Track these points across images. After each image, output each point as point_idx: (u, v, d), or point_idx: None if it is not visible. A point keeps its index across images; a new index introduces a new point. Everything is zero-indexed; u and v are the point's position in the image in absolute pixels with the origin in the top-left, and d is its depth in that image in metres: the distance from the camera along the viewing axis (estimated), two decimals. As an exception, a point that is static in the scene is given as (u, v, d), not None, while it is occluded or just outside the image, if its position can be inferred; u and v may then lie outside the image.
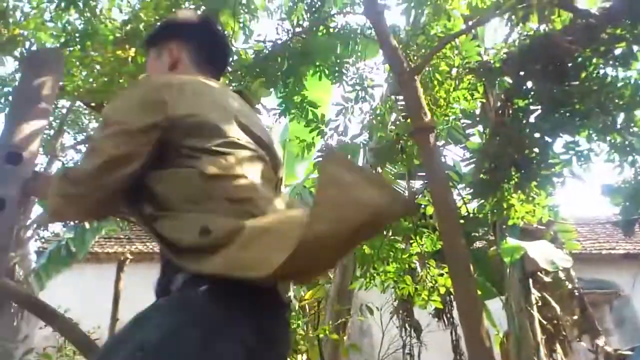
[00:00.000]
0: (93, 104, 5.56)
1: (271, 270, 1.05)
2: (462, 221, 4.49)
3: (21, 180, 1.82)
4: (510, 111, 4.55)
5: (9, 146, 1.89)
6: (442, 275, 5.19)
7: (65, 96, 5.21)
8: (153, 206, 1.28)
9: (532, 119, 4.46)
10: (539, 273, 6.39)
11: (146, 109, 1.31)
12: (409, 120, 4.62)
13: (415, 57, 5.27)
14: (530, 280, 6.32)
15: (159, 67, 1.60)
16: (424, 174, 5.76)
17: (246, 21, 4.97)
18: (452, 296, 5.93)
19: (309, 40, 5.19)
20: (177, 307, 1.14)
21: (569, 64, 4.24)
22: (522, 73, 4.42)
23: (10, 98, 5.12)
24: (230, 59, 1.70)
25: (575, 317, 6.49)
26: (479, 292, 3.95)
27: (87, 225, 8.44)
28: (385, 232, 5.36)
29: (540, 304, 6.33)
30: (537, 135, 4.37)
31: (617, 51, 4.08)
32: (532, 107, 4.45)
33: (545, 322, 6.26)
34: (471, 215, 5.70)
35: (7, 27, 4.99)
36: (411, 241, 5.40)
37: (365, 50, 5.85)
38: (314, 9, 5.36)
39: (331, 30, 5.41)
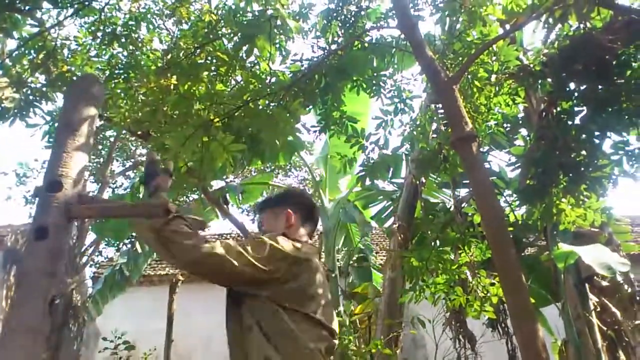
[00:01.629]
0: (139, 133, 5.74)
1: None
2: (510, 228, 4.40)
3: (63, 207, 1.89)
4: (554, 114, 4.46)
5: (50, 175, 1.97)
6: (493, 284, 5.08)
7: (112, 127, 5.40)
8: None
9: (577, 121, 4.36)
10: (595, 277, 6.18)
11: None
12: (449, 130, 4.58)
13: (453, 65, 5.24)
14: (587, 286, 6.12)
15: (277, 226, 2.24)
16: (469, 181, 5.69)
17: (282, 42, 5.04)
18: (505, 305, 5.82)
19: (344, 56, 5.23)
20: None
21: (613, 62, 4.13)
22: (563, 74, 4.33)
23: (60, 132, 5.34)
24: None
25: (638, 322, 6.23)
26: (533, 300, 3.85)
27: (139, 249, 8.67)
28: (432, 244, 5.31)
29: (598, 309, 6.12)
30: (583, 136, 4.26)
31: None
32: (576, 109, 4.35)
33: (605, 328, 6.04)
34: (520, 221, 5.57)
35: (55, 64, 5.23)
36: (460, 251, 5.32)
37: (401, 61, 5.86)
38: (348, 25, 5.42)
39: (366, 44, 5.44)
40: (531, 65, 5.00)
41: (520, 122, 6.26)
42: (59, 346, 8.94)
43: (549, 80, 4.66)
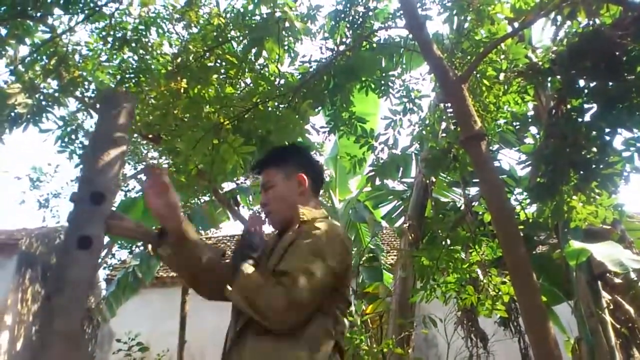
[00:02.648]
0: (150, 136, 5.79)
1: None
2: (521, 226, 4.39)
3: (104, 220, 1.93)
4: (564, 111, 4.44)
5: (92, 186, 2.00)
6: (504, 283, 5.07)
7: (124, 130, 5.45)
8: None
9: (587, 118, 4.34)
10: (608, 275, 6.14)
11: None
12: (459, 129, 4.59)
13: (461, 64, 5.24)
14: (600, 283, 6.09)
15: (290, 190, 1.94)
16: (479, 180, 5.68)
17: (290, 44, 5.06)
18: (517, 304, 5.80)
19: (353, 56, 5.24)
20: None
21: (623, 59, 4.11)
22: (573, 71, 4.32)
23: (73, 137, 5.41)
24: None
25: (652, 319, 6.19)
26: (545, 298, 3.84)
27: (152, 251, 8.71)
28: (443, 243, 5.31)
29: (611, 307, 6.08)
30: (594, 133, 4.24)
31: (673, 41, 3.93)
32: (586, 106, 4.33)
33: (619, 326, 6.00)
34: (530, 220, 5.56)
35: (67, 70, 5.29)
36: (470, 250, 5.31)
37: (410, 61, 5.86)
38: (355, 26, 5.43)
39: (374, 45, 5.45)
40: (540, 63, 4.99)
41: (530, 120, 6.24)
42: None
43: (558, 77, 4.63)
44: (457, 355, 6.35)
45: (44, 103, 5.30)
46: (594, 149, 4.22)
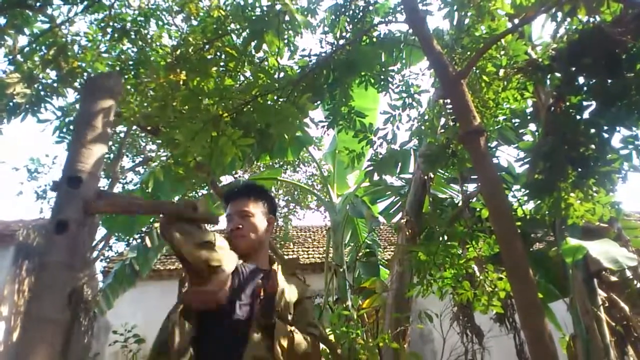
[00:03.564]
0: (149, 128, 5.78)
1: None
2: (518, 223, 4.39)
3: (82, 202, 1.92)
4: (563, 108, 4.44)
5: (70, 170, 1.99)
6: (501, 279, 5.08)
7: (122, 122, 5.45)
8: None
9: (586, 115, 4.34)
10: (604, 273, 6.16)
11: None
12: (458, 125, 4.58)
13: (461, 60, 5.23)
14: (595, 281, 6.11)
15: (263, 229, 2.37)
16: (477, 176, 5.68)
17: (291, 37, 5.05)
18: (513, 300, 5.82)
19: (353, 51, 5.23)
20: None
21: (623, 56, 4.11)
22: (572, 68, 4.31)
23: (71, 128, 5.40)
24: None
25: (647, 317, 6.21)
26: (541, 295, 3.84)
27: (149, 244, 8.72)
28: (440, 238, 5.31)
29: (607, 304, 6.10)
30: (592, 131, 4.25)
31: (673, 39, 3.93)
32: (585, 103, 4.33)
33: (614, 324, 6.03)
34: (528, 216, 5.56)
35: (66, 60, 5.27)
36: (467, 246, 5.31)
37: (410, 56, 5.85)
38: (356, 20, 5.42)
39: (374, 39, 5.44)
40: (540, 60, 4.98)
41: (529, 116, 6.24)
42: (70, 339, 9.03)
43: (558, 74, 4.63)
44: (453, 351, 6.37)
45: (42, 93, 5.28)
46: (592, 147, 4.22)
